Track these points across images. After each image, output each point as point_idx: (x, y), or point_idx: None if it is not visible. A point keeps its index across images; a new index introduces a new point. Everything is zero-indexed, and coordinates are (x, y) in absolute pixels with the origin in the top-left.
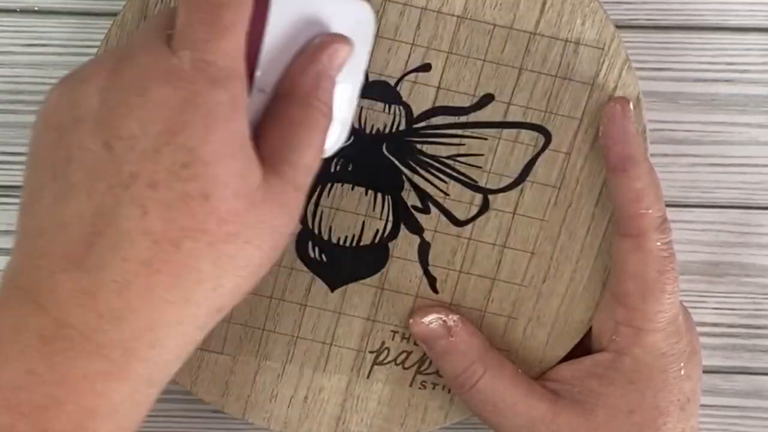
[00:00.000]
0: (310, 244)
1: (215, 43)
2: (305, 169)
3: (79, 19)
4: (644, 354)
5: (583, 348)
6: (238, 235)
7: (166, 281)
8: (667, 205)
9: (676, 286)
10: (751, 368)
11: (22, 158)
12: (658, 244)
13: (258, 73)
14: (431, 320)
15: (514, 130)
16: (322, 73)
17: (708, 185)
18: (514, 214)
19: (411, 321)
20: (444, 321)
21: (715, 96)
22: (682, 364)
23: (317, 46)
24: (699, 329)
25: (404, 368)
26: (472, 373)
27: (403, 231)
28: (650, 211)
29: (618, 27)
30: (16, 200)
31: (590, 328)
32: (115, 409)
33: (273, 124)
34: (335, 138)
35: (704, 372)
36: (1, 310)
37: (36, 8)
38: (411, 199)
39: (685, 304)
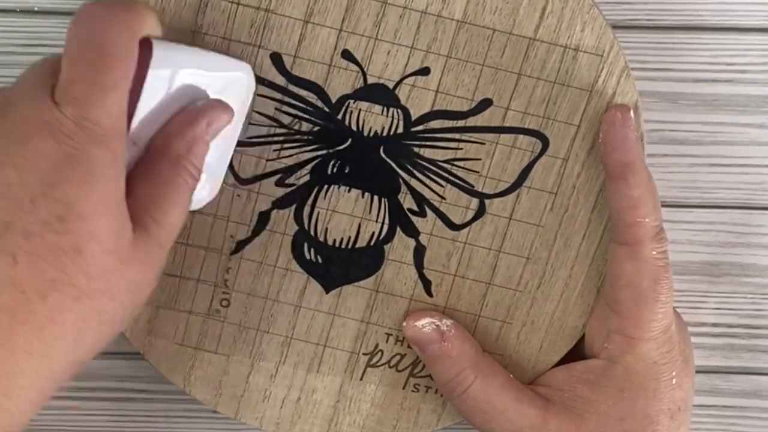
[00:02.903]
0: (305, 245)
1: (98, 102)
2: (170, 227)
3: None
4: (636, 362)
5: (576, 354)
6: (105, 292)
7: (29, 332)
8: (668, 206)
9: (671, 295)
10: (751, 368)
11: None
12: (654, 253)
13: (133, 126)
14: (424, 324)
15: (511, 136)
16: (198, 138)
17: (708, 185)
18: (510, 219)
19: (404, 324)
20: (437, 326)
21: (715, 96)
22: (674, 373)
23: (197, 110)
24: (699, 329)
25: (398, 371)
26: (463, 378)
27: (399, 234)
28: (647, 220)
29: (618, 27)
30: None
31: (584, 335)
32: None
33: (142, 180)
34: (204, 193)
35: (704, 372)
36: None
37: (36, 8)
38: (407, 202)
39: (685, 304)
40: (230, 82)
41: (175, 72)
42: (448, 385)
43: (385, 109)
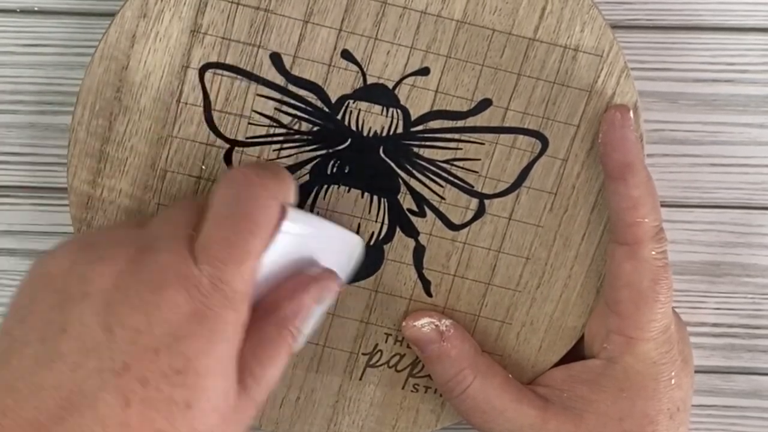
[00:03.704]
0: None
1: (235, 267)
2: (266, 386)
3: (79, 19)
4: (635, 362)
5: (576, 354)
6: None
7: None
8: (668, 206)
9: (670, 295)
10: (751, 368)
11: (22, 158)
12: (653, 253)
13: None
14: (423, 324)
15: (511, 136)
16: (307, 305)
17: (708, 185)
18: (509, 219)
19: (404, 324)
20: (436, 325)
21: (715, 96)
22: (673, 373)
23: (310, 278)
24: (699, 329)
25: (397, 371)
26: (462, 378)
27: (399, 234)
28: (646, 220)
29: (618, 27)
30: (16, 200)
31: (583, 335)
32: None
33: (248, 337)
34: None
35: (704, 372)
36: None
37: (36, 8)
38: (407, 202)
39: (686, 304)
40: (340, 252)
41: (297, 238)
42: (447, 385)
43: (385, 109)
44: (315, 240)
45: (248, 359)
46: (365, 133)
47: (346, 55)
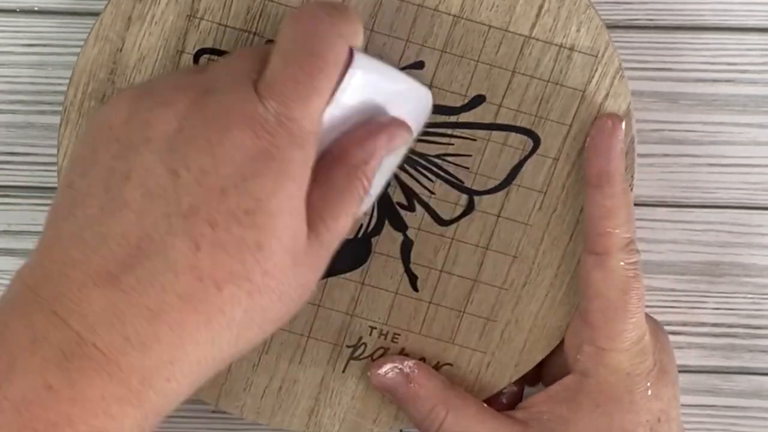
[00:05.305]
0: None
1: (303, 103)
2: (338, 234)
3: (79, 19)
4: (608, 374)
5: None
6: (275, 290)
7: (199, 320)
8: (668, 206)
9: (641, 306)
10: (751, 368)
11: (22, 158)
12: (622, 264)
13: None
14: (387, 370)
15: (503, 133)
16: (376, 152)
17: (708, 185)
18: (498, 216)
19: (369, 374)
20: (400, 369)
21: (715, 96)
22: (648, 384)
23: (381, 125)
24: (699, 329)
25: None
26: (435, 415)
27: (387, 227)
28: (617, 230)
29: (617, 27)
30: (16, 200)
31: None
32: None
33: (317, 184)
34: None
35: (704, 372)
36: (17, 317)
37: (36, 8)
38: (396, 196)
39: (685, 304)
40: (410, 104)
41: (365, 85)
42: (423, 424)
43: None
44: (383, 89)
45: (318, 206)
46: None
47: None
